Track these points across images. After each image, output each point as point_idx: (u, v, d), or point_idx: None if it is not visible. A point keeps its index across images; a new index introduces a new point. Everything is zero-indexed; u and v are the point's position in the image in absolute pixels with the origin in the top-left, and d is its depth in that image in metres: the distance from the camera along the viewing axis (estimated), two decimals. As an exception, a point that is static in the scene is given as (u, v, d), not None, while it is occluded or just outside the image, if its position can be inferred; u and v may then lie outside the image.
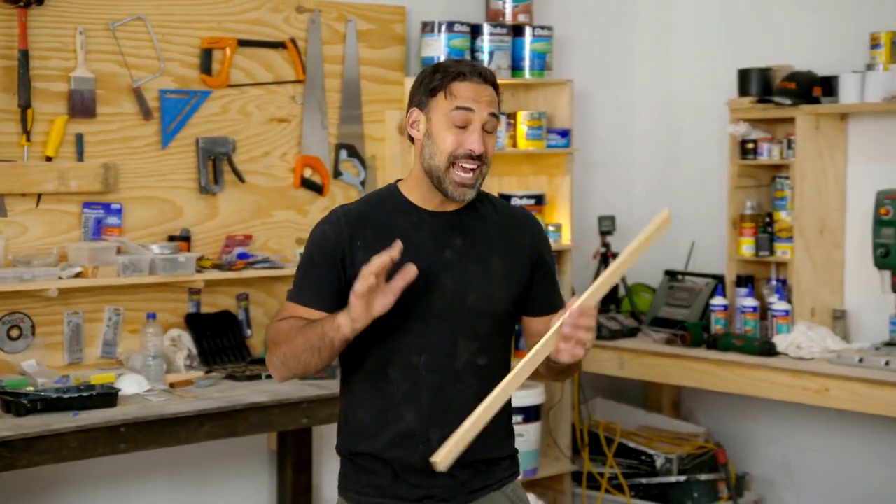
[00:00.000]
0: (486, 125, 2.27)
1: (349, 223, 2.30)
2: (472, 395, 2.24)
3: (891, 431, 4.18)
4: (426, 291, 2.26)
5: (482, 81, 2.29)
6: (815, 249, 4.27)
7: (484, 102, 2.27)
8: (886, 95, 4.00)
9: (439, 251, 2.29)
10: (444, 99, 2.27)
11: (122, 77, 3.79)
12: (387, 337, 2.26)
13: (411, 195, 2.33)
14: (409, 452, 2.28)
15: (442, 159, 2.26)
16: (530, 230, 2.41)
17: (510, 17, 4.48)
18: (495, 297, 2.32)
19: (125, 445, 3.27)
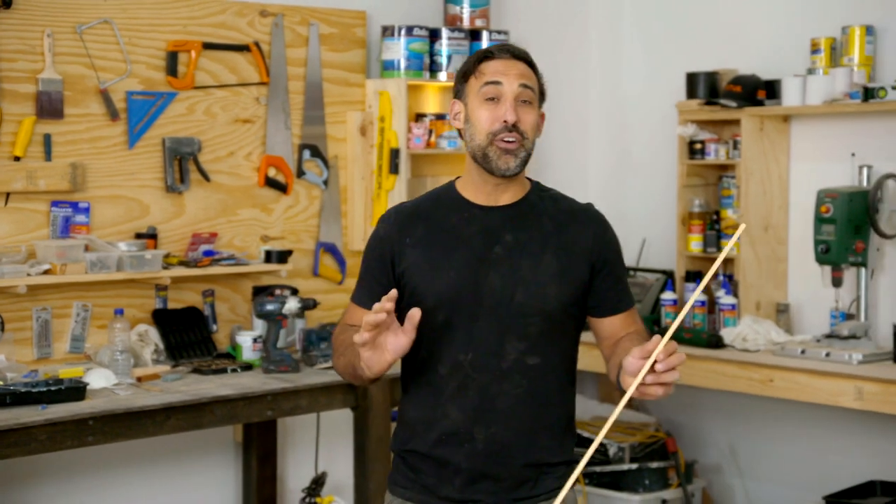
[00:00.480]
0: (519, 96, 2.19)
1: (400, 220, 2.26)
2: (520, 395, 2.18)
3: (830, 419, 4.26)
4: (474, 287, 2.18)
5: (511, 57, 2.22)
6: (760, 246, 4.34)
7: (513, 74, 2.20)
8: (826, 98, 4.07)
9: (489, 247, 2.20)
10: (475, 79, 2.22)
11: (89, 79, 3.79)
12: (435, 331, 2.20)
13: (465, 191, 2.26)
14: (454, 451, 2.20)
15: (482, 137, 2.19)
16: (592, 228, 2.27)
17: (467, 22, 4.52)
18: (546, 296, 2.19)
19: (93, 438, 3.26)
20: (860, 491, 4.00)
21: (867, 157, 4.12)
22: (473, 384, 2.19)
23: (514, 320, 2.18)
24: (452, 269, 2.19)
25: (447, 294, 2.18)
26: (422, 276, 2.20)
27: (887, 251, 4.09)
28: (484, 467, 2.21)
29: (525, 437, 2.20)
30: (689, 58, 4.60)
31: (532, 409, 2.21)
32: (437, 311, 2.17)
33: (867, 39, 4.06)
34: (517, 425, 2.19)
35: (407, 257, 2.21)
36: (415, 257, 2.21)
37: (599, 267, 2.24)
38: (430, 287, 2.19)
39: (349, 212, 4.38)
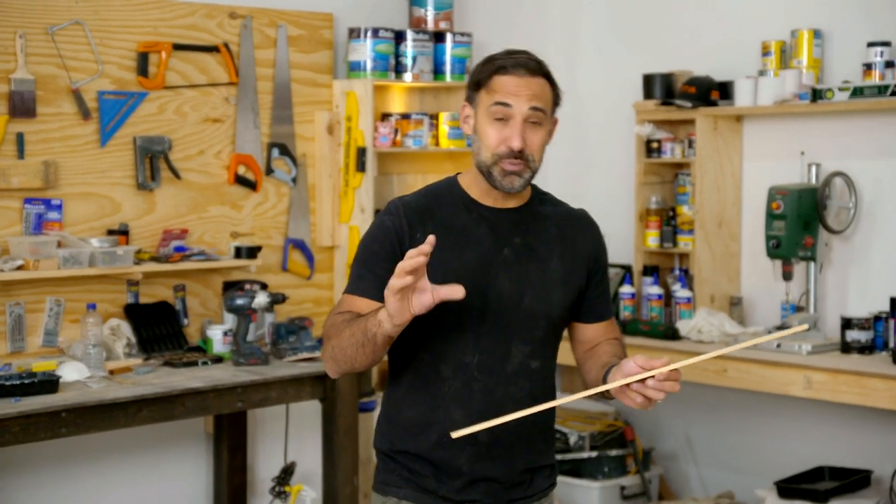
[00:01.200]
0: (528, 118, 2.10)
1: (409, 214, 2.14)
2: (523, 398, 2.12)
3: (781, 408, 4.30)
4: (483, 290, 2.10)
5: (525, 73, 2.11)
6: (714, 241, 4.38)
7: (524, 96, 2.09)
8: (777, 99, 4.10)
9: (498, 249, 2.13)
10: (486, 93, 2.12)
11: (61, 79, 3.76)
12: (441, 334, 2.11)
13: (470, 190, 2.17)
14: (455, 454, 2.12)
15: (487, 155, 2.11)
16: (590, 234, 2.23)
17: (432, 24, 4.52)
18: (552, 301, 2.15)
19: (66, 430, 3.25)
20: (809, 476, 4.05)
21: (816, 155, 4.16)
22: (478, 386, 2.11)
23: (522, 324, 2.13)
24: (462, 270, 2.10)
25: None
26: (431, 276, 2.01)
27: (835, 246, 4.14)
28: (486, 470, 2.15)
29: (526, 440, 2.15)
30: (646, 60, 4.62)
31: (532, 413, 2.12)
32: (446, 312, 2.05)
33: (815, 42, 4.10)
34: (519, 429, 2.12)
35: None
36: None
37: (594, 273, 2.21)
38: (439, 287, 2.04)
39: (317, 209, 4.37)
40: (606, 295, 2.25)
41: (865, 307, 4.04)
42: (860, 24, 4.08)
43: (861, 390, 3.62)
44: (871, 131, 4.07)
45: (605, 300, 2.25)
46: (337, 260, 4.41)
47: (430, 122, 4.47)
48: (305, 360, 3.84)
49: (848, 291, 4.14)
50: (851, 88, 3.87)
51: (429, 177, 4.66)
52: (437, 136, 4.50)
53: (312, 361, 3.84)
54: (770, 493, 3.94)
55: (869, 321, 3.86)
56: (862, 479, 3.96)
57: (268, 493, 4.09)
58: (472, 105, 2.16)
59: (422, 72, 4.43)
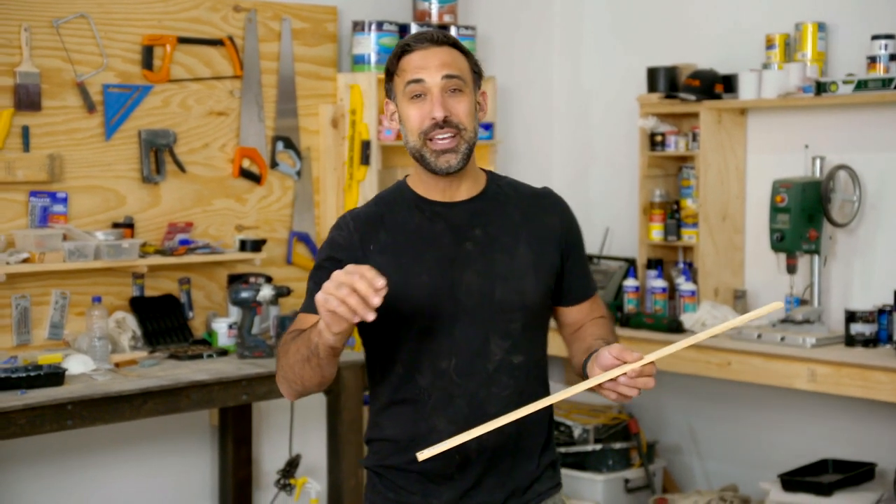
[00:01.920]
0: (445, 87, 1.98)
1: (359, 227, 2.03)
2: (508, 396, 1.99)
3: (785, 400, 4.30)
4: (450, 289, 1.98)
5: (431, 45, 2.00)
6: (718, 234, 4.37)
7: (434, 67, 1.98)
8: (781, 92, 4.10)
9: (459, 244, 2.01)
10: (398, 77, 2.03)
11: (66, 72, 3.76)
12: (412, 341, 1.99)
13: (418, 188, 2.06)
14: (444, 465, 2.00)
15: (414, 138, 2.00)
16: (558, 212, 2.10)
17: (436, 18, 4.51)
18: (525, 290, 2.02)
19: (72, 422, 3.25)
20: (813, 469, 4.05)
21: (820, 148, 4.15)
22: (460, 391, 1.99)
23: (496, 318, 2.00)
24: (424, 273, 1.99)
25: (423, 300, 1.97)
26: (393, 285, 1.89)
27: (839, 239, 4.13)
28: (475, 476, 2.03)
29: (515, 439, 2.02)
30: (650, 53, 4.62)
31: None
32: (414, 319, 1.97)
33: (819, 35, 4.10)
34: (507, 428, 1.96)
35: (373, 265, 1.88)
36: (382, 265, 1.92)
37: (568, 253, 2.09)
38: (404, 296, 1.97)
39: (322, 202, 4.37)
40: (585, 272, 2.13)
41: (869, 300, 4.03)
42: (864, 17, 4.07)
43: (865, 383, 3.62)
44: (875, 124, 4.07)
45: (584, 278, 2.13)
46: (341, 253, 4.40)
47: (434, 115, 4.46)
48: (310, 353, 3.83)
49: (852, 284, 4.14)
50: (855, 81, 3.87)
51: (433, 170, 4.65)
52: (442, 130, 4.49)
53: (317, 354, 3.83)
54: (774, 486, 3.94)
55: (873, 314, 3.86)
56: (866, 471, 3.96)
57: (273, 485, 4.09)
58: (392, 98, 2.06)
59: (396, 68, 4.42)
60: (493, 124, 4.56)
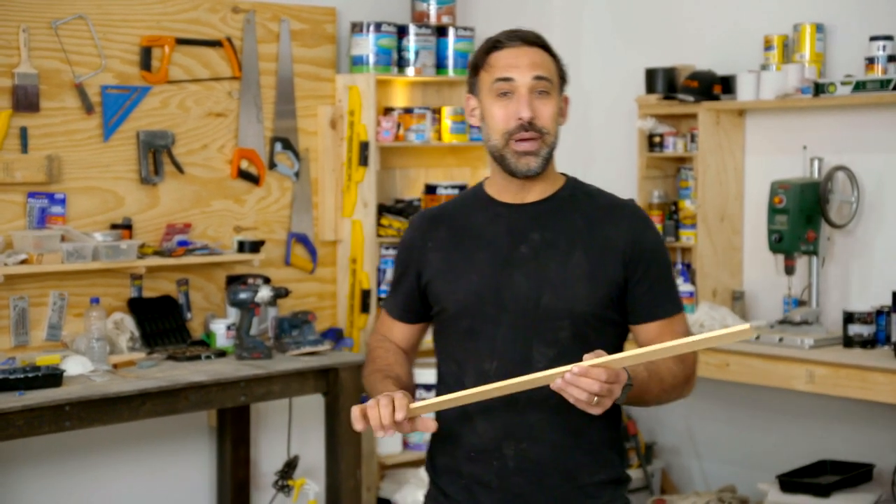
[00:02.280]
0: (533, 88, 1.96)
1: (423, 225, 2.07)
2: (553, 406, 1.91)
3: (783, 402, 4.30)
4: (496, 290, 1.96)
5: (522, 44, 2.00)
6: (717, 235, 4.37)
7: (525, 66, 1.97)
8: (779, 93, 4.10)
9: (514, 246, 1.98)
10: (486, 73, 1.99)
11: (64, 73, 3.76)
12: (459, 342, 2.00)
13: (491, 189, 2.06)
14: (483, 469, 1.97)
15: (497, 137, 1.97)
16: (627, 225, 2.00)
17: (434, 19, 4.52)
18: (575, 297, 1.94)
19: (70, 424, 3.25)
20: (811, 470, 4.05)
21: (818, 149, 4.15)
22: (501, 396, 1.91)
23: (541, 325, 1.94)
24: (474, 272, 1.99)
25: (468, 299, 1.97)
26: (444, 282, 2.00)
27: (837, 240, 4.13)
28: (517, 487, 1.97)
29: (560, 453, 1.94)
30: (648, 54, 4.62)
31: (567, 422, 1.95)
32: (460, 318, 1.97)
33: (818, 37, 4.09)
34: (551, 440, 1.95)
35: (429, 262, 2.03)
36: (436, 262, 2.01)
37: (634, 267, 1.98)
38: (451, 293, 2.00)
39: (320, 203, 4.37)
40: (656, 291, 1.99)
41: (867, 301, 4.03)
42: (862, 18, 4.07)
43: (863, 384, 3.62)
44: (874, 125, 4.06)
45: (657, 297, 1.99)
46: (340, 254, 4.41)
47: (432, 116, 4.46)
48: (308, 355, 3.84)
49: (850, 285, 4.13)
50: (854, 82, 3.87)
51: (431, 171, 4.66)
52: (440, 131, 4.50)
53: (315, 355, 3.84)
54: (772, 487, 3.94)
55: (871, 315, 3.86)
56: (864, 472, 3.96)
57: (271, 486, 4.09)
58: (475, 93, 2.03)
59: (424, 66, 4.42)
60: (491, 125, 4.55)
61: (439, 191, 4.50)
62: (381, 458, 4.34)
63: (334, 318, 4.42)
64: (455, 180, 4.60)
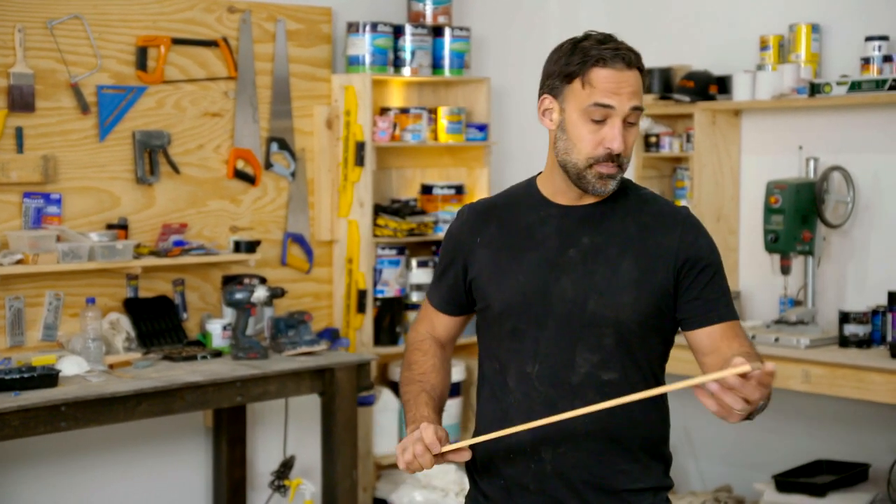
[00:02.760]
0: (627, 118, 1.91)
1: (472, 218, 2.05)
2: (594, 414, 1.87)
3: (779, 402, 4.30)
4: (542, 293, 1.94)
5: (625, 67, 1.91)
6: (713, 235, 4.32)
7: (626, 94, 1.90)
8: (775, 93, 4.11)
9: (563, 249, 1.96)
10: (582, 88, 1.91)
11: (60, 73, 3.75)
12: (504, 343, 1.98)
13: (545, 188, 2.02)
14: (521, 471, 1.97)
15: (580, 158, 1.92)
16: (679, 232, 1.95)
17: (430, 19, 4.52)
18: (621, 304, 1.91)
19: (66, 424, 3.24)
20: (807, 470, 4.05)
21: (814, 149, 4.16)
22: (541, 399, 1.93)
23: (586, 330, 1.92)
24: (521, 273, 1.96)
25: (514, 299, 1.95)
26: (490, 280, 1.98)
27: (833, 240, 4.14)
28: (554, 491, 1.96)
29: (599, 459, 1.92)
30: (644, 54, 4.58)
31: (607, 429, 1.94)
32: (505, 318, 1.96)
33: (813, 37, 4.10)
34: (590, 446, 1.93)
35: (477, 258, 2.01)
36: (484, 258, 1.99)
37: (685, 274, 1.93)
38: (497, 292, 1.98)
39: (316, 203, 4.37)
40: (712, 295, 1.94)
41: (863, 301, 4.04)
42: (858, 18, 4.07)
43: (859, 384, 3.63)
44: (869, 125, 4.07)
45: (709, 301, 1.94)
46: (336, 254, 4.41)
47: (428, 116, 4.46)
48: (304, 355, 3.84)
49: (846, 285, 4.14)
50: (849, 83, 3.87)
51: (427, 171, 4.66)
52: (436, 131, 4.50)
53: (311, 355, 3.83)
54: (768, 487, 3.95)
55: (867, 315, 3.86)
56: (860, 472, 3.97)
57: (267, 486, 4.09)
58: (558, 98, 1.95)
59: (420, 66, 4.42)
60: (487, 126, 4.56)
61: (435, 191, 4.51)
62: (378, 459, 4.34)
63: (330, 318, 4.42)
64: (451, 180, 4.60)
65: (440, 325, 2.15)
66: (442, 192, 4.48)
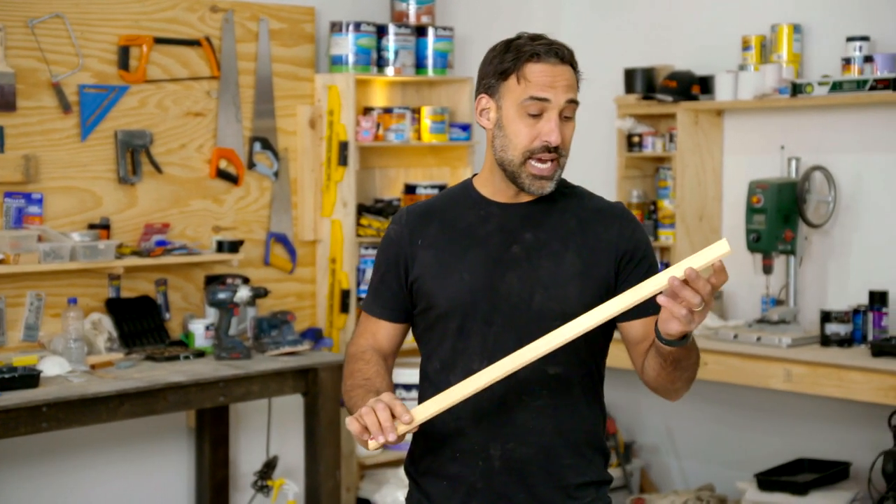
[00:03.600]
0: (563, 112, 1.93)
1: (411, 220, 2.03)
2: (540, 408, 1.93)
3: (761, 400, 4.32)
4: (488, 290, 1.95)
5: (558, 62, 1.93)
6: (695, 235, 4.39)
7: (561, 87, 1.92)
8: (757, 93, 4.12)
9: (506, 246, 1.97)
10: (517, 84, 1.93)
11: (41, 72, 3.74)
12: (449, 340, 1.98)
13: (483, 188, 2.03)
14: (468, 469, 1.95)
15: (516, 153, 1.94)
16: (618, 226, 2.00)
17: (414, 18, 4.51)
18: (567, 298, 1.94)
19: (47, 425, 3.23)
20: (789, 468, 4.07)
21: (795, 149, 4.18)
22: (488, 395, 1.91)
23: (533, 325, 1.92)
24: (466, 271, 1.97)
25: (460, 298, 1.95)
26: (434, 280, 1.97)
27: (814, 240, 4.16)
28: (503, 488, 1.96)
29: (546, 454, 1.93)
30: (627, 54, 4.63)
31: (553, 423, 1.96)
32: (450, 316, 1.96)
33: (795, 37, 4.12)
34: (536, 441, 1.94)
35: (419, 260, 1.99)
36: (427, 259, 1.98)
37: (624, 266, 1.98)
38: (442, 291, 1.97)
39: (299, 203, 4.36)
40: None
41: (844, 300, 4.06)
42: (839, 18, 4.09)
43: (840, 383, 3.65)
44: (850, 125, 4.09)
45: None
46: (319, 254, 4.40)
47: (412, 116, 4.46)
48: (287, 355, 3.83)
49: (827, 285, 4.16)
50: (831, 83, 3.89)
51: (411, 171, 4.66)
52: (419, 131, 4.50)
53: (294, 355, 3.83)
54: (750, 486, 3.96)
55: (848, 314, 3.88)
56: (841, 471, 3.99)
57: (250, 487, 4.08)
58: (494, 97, 1.97)
59: (404, 66, 4.42)
60: (470, 125, 4.56)
61: (419, 190, 4.51)
62: (361, 459, 4.33)
63: (314, 318, 4.42)
64: (434, 180, 4.60)
65: (383, 336, 2.08)
66: (425, 191, 4.48)
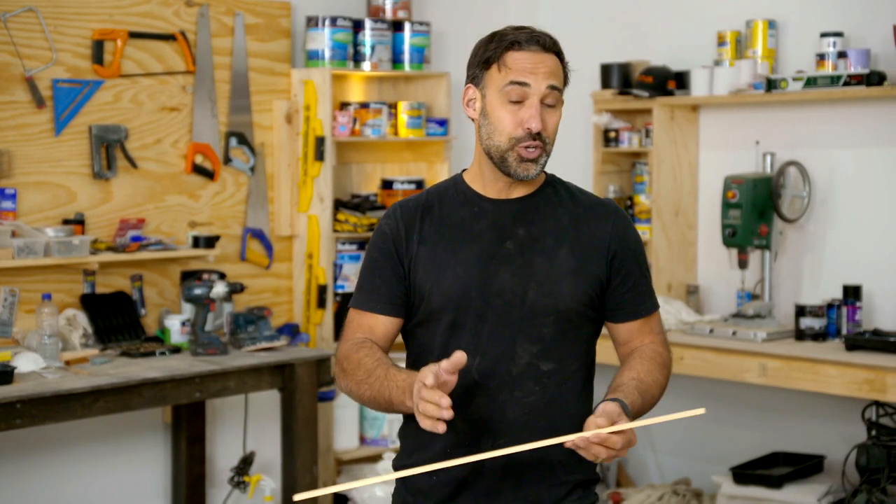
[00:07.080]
0: (545, 99, 1.95)
1: (404, 215, 2.03)
2: (533, 404, 1.94)
3: (737, 394, 4.35)
4: (482, 286, 1.95)
5: (540, 50, 1.96)
6: (671, 230, 4.41)
7: (542, 74, 1.95)
8: (732, 89, 4.14)
9: (500, 242, 1.98)
10: (498, 72, 1.95)
11: (14, 66, 3.71)
12: (442, 335, 1.98)
13: (474, 183, 2.04)
14: (461, 466, 1.91)
15: (501, 140, 1.95)
16: (611, 223, 2.02)
17: (390, 13, 4.51)
18: (560, 294, 1.95)
19: (21, 421, 3.21)
20: (764, 462, 4.10)
21: (770, 144, 4.20)
22: (481, 391, 1.94)
23: (526, 321, 1.94)
24: (459, 267, 1.98)
25: (453, 293, 1.95)
26: (427, 275, 1.98)
27: (789, 235, 4.19)
28: (494, 484, 1.98)
29: (537, 450, 1.89)
30: (603, 50, 4.64)
31: (545, 419, 1.97)
32: (443, 311, 1.96)
33: (770, 33, 4.14)
34: (528, 437, 1.91)
35: (413, 255, 2.00)
36: (421, 254, 1.99)
37: (618, 264, 2.00)
38: (435, 286, 1.98)
39: (276, 198, 4.35)
40: (638, 290, 2.02)
41: (819, 295, 4.09)
42: (813, 14, 4.12)
43: (815, 377, 3.67)
44: (825, 121, 4.12)
45: (639, 293, 2.02)
46: (296, 249, 4.39)
47: (388, 111, 4.46)
48: (264, 350, 3.82)
49: (802, 279, 4.19)
50: (805, 78, 3.92)
51: (388, 166, 4.65)
52: (396, 126, 4.49)
53: (271, 351, 3.82)
54: (726, 479, 3.99)
55: (822, 308, 3.91)
56: (815, 464, 4.02)
57: (227, 483, 4.08)
58: (479, 86, 1.99)
59: (380, 61, 4.42)
60: (447, 120, 4.56)
61: (396, 186, 4.51)
62: (338, 454, 4.33)
63: (290, 313, 4.41)
64: (411, 175, 4.60)
65: (381, 330, 2.04)
66: (402, 186, 4.48)
